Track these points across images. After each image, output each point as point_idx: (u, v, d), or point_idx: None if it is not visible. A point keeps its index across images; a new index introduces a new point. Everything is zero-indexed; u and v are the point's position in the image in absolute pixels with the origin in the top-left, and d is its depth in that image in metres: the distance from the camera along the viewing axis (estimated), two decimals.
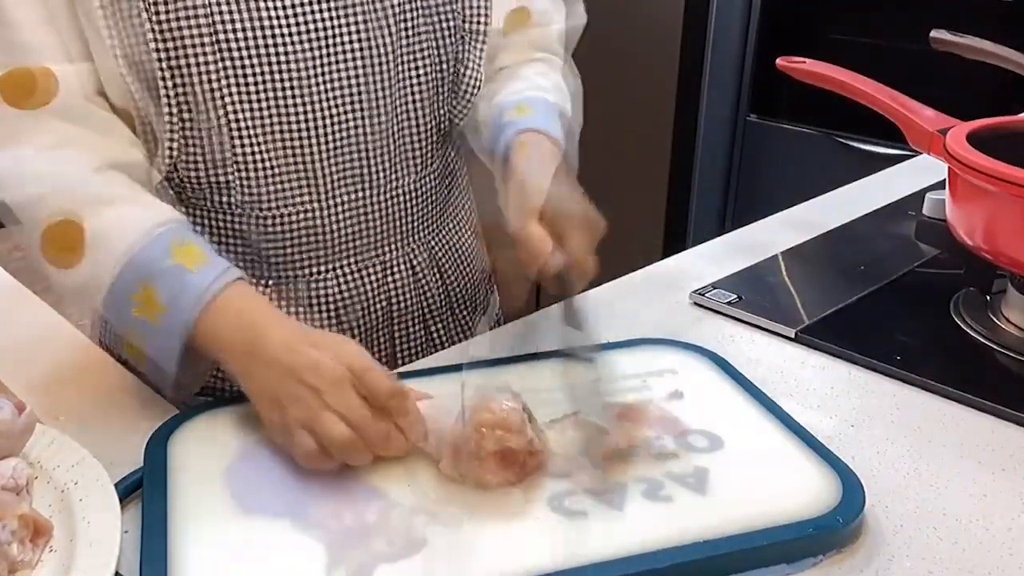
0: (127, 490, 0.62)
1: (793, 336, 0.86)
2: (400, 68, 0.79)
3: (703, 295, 0.93)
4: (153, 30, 0.69)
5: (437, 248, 0.90)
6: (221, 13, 0.71)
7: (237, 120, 0.74)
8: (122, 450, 0.66)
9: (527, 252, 0.72)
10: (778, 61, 1.04)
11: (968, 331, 0.87)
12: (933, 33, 0.92)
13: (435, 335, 0.91)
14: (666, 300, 0.94)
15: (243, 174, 0.76)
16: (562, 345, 0.77)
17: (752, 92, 2.24)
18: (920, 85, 1.06)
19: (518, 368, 0.77)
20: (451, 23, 0.82)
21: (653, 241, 2.37)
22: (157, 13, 0.69)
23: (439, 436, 0.63)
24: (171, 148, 0.74)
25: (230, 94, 0.73)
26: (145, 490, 0.62)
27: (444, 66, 0.83)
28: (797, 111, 2.16)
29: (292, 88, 0.74)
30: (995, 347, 0.84)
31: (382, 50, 0.77)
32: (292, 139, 0.76)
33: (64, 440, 0.64)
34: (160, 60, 0.70)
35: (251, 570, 0.55)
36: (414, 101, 0.82)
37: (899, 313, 0.92)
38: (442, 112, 0.85)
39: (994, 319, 0.88)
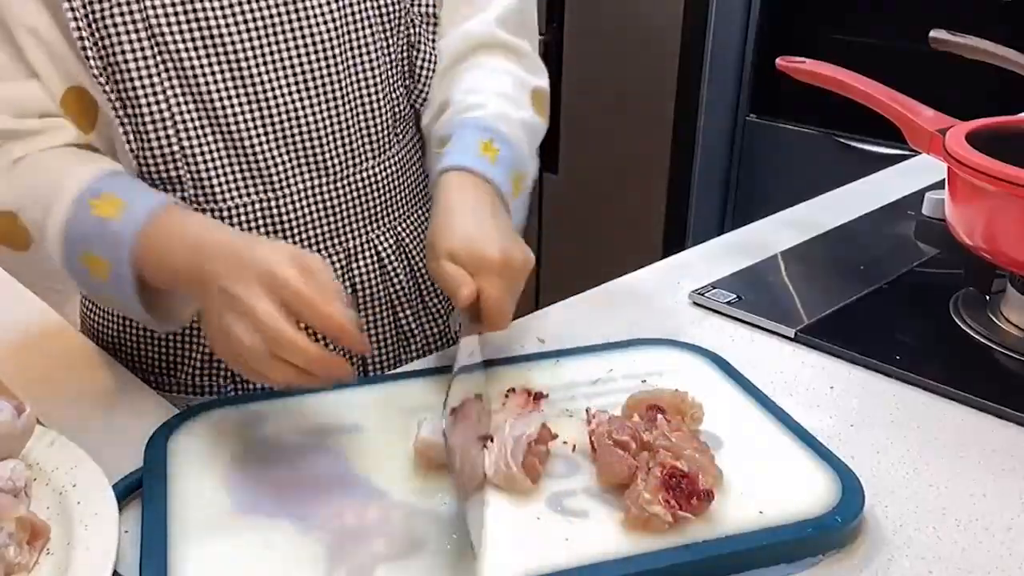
0: (126, 490, 0.62)
1: (793, 336, 0.86)
2: (348, 53, 0.79)
3: (703, 295, 0.93)
4: (81, 29, 0.69)
5: (405, 234, 0.89)
6: (155, 7, 0.71)
7: (181, 114, 0.74)
8: (122, 450, 0.66)
9: (446, 291, 0.70)
10: (778, 61, 1.04)
11: (968, 331, 0.87)
12: (933, 33, 0.92)
13: (404, 324, 0.91)
14: (666, 300, 0.94)
15: (191, 168, 0.76)
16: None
17: (752, 92, 2.24)
18: (920, 85, 1.07)
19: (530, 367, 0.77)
20: (397, 6, 0.82)
21: (653, 241, 2.37)
22: (91, 13, 0.69)
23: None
24: (129, 143, 0.74)
25: (171, 87, 0.73)
26: (145, 490, 0.62)
27: (395, 50, 0.83)
28: (797, 111, 2.16)
29: (235, 80, 0.74)
30: (995, 347, 0.84)
31: (326, 36, 0.77)
32: (239, 131, 0.76)
33: (63, 442, 0.64)
34: (91, 59, 0.70)
35: (251, 570, 0.55)
36: (366, 86, 0.81)
37: (899, 313, 0.92)
38: (397, 96, 0.85)
39: (994, 319, 0.88)
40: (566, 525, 0.58)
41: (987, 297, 0.90)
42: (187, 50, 0.72)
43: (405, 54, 0.84)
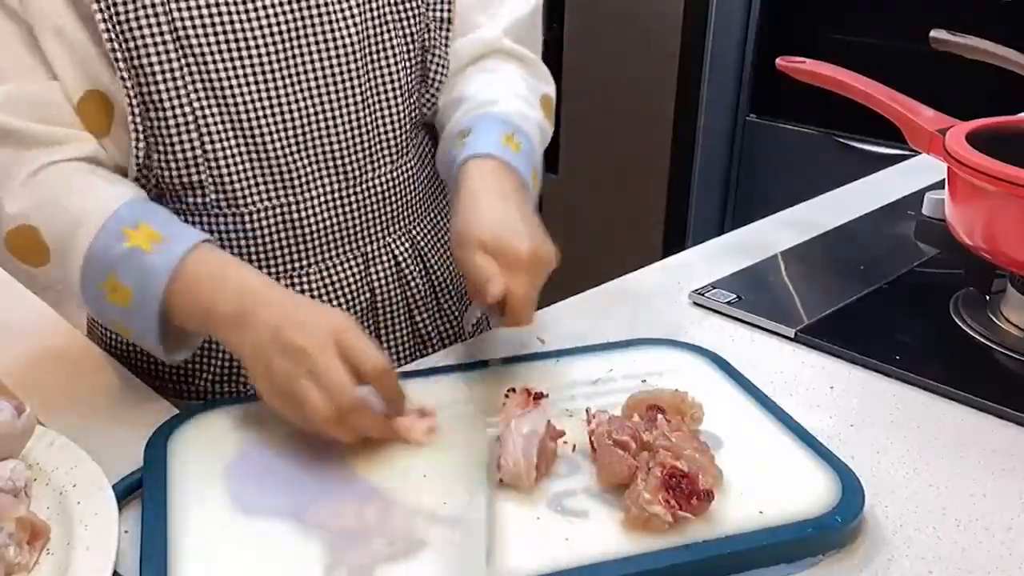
0: (126, 490, 0.62)
1: (793, 336, 0.86)
2: (371, 58, 0.80)
3: (703, 295, 0.93)
4: (109, 31, 0.69)
5: (420, 238, 0.90)
6: (180, 10, 0.70)
7: (204, 118, 0.74)
8: (122, 450, 0.66)
9: (470, 283, 0.71)
10: (778, 61, 1.04)
11: (968, 331, 0.87)
12: (933, 33, 0.92)
13: (421, 327, 0.91)
14: (666, 300, 0.94)
15: (214, 173, 0.76)
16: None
17: (752, 92, 2.24)
18: (920, 85, 1.06)
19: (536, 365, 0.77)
20: (416, 11, 0.82)
21: (653, 241, 2.37)
22: (116, 15, 0.69)
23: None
24: (137, 150, 0.73)
25: (196, 91, 0.73)
26: (145, 490, 0.62)
27: (412, 55, 0.83)
28: (797, 111, 2.17)
29: (259, 84, 0.74)
30: (995, 347, 0.84)
31: (348, 40, 0.77)
32: (262, 135, 0.76)
33: (63, 442, 0.64)
34: (118, 61, 0.70)
35: (251, 570, 0.55)
36: (385, 91, 0.82)
37: (899, 313, 0.92)
38: (413, 101, 0.85)
39: (994, 319, 0.88)
40: (566, 525, 0.58)
41: (987, 297, 0.90)
42: (212, 53, 0.72)
43: (421, 59, 0.85)
